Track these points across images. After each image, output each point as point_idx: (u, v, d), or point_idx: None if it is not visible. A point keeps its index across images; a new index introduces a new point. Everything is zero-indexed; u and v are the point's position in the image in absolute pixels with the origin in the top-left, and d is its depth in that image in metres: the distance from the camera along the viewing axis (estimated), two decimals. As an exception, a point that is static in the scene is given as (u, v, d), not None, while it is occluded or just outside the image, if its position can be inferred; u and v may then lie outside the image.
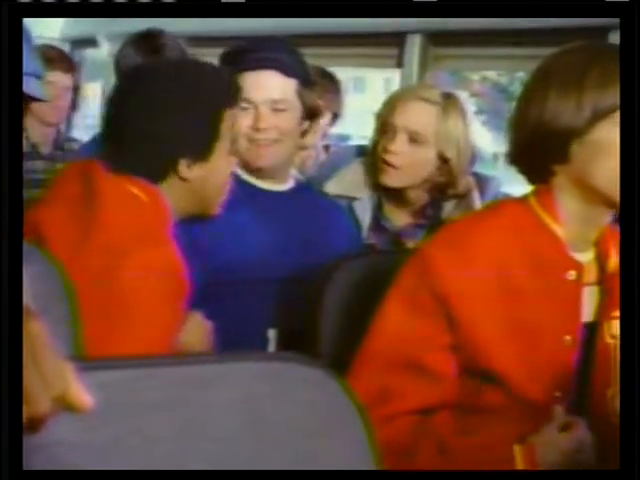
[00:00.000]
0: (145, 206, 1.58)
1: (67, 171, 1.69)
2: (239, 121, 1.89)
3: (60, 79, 3.15)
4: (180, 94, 1.62)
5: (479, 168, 2.40)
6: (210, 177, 1.66)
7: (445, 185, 2.13)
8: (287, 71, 1.94)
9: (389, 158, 2.09)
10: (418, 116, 2.08)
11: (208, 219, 1.74)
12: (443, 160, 2.10)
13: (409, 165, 2.09)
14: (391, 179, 2.11)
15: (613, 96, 1.31)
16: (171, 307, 1.52)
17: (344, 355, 1.58)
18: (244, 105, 1.89)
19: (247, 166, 1.96)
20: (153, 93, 1.62)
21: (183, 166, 1.62)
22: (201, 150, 1.63)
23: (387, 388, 1.38)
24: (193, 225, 1.79)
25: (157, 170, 1.62)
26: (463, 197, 2.17)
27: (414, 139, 2.08)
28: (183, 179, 1.63)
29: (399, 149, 2.08)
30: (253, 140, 1.92)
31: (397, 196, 2.16)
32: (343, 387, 1.02)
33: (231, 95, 1.70)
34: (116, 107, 1.68)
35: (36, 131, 3.16)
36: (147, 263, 1.49)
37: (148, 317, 1.47)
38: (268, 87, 1.93)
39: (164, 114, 1.61)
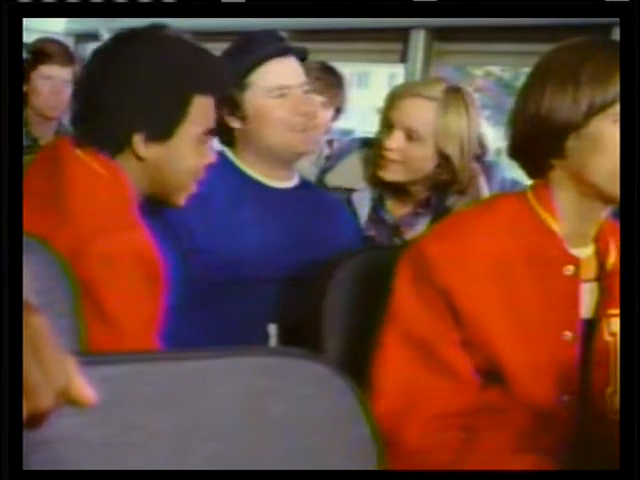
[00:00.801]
0: (108, 186, 1.53)
1: (37, 158, 1.64)
2: (275, 110, 1.89)
3: (59, 73, 3.15)
4: (148, 68, 1.56)
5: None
6: (170, 161, 1.59)
7: (448, 182, 2.12)
8: (298, 57, 1.97)
9: (386, 154, 2.09)
10: (414, 113, 2.07)
11: (172, 207, 1.67)
12: (444, 157, 2.08)
13: (406, 161, 2.08)
14: (389, 173, 2.11)
15: (608, 91, 1.31)
16: (147, 293, 1.48)
17: (348, 351, 1.59)
18: (278, 92, 1.90)
19: (283, 154, 1.94)
20: (121, 65, 1.57)
21: (139, 142, 1.56)
22: (159, 129, 1.57)
23: (415, 389, 1.38)
24: (195, 224, 1.79)
25: (111, 142, 1.57)
26: (464, 193, 2.15)
27: (411, 136, 2.07)
28: (138, 157, 1.57)
29: (396, 146, 2.07)
30: (296, 126, 1.91)
31: (399, 191, 2.16)
32: (346, 382, 1.01)
33: (210, 81, 1.63)
34: (86, 78, 1.63)
35: (37, 125, 3.15)
36: (116, 249, 1.44)
37: (123, 308, 1.44)
38: (297, 72, 1.95)
39: (126, 86, 1.55)
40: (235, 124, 1.94)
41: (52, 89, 3.11)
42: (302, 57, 1.99)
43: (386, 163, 2.09)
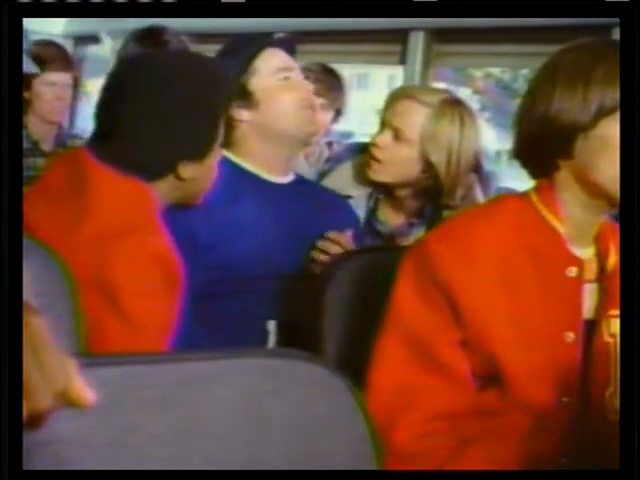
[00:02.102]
0: (134, 194, 1.56)
1: (56, 162, 1.66)
2: (283, 92, 1.94)
3: (62, 78, 3.15)
4: (182, 93, 1.58)
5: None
6: (203, 174, 1.64)
7: (434, 190, 2.11)
8: (288, 50, 2.02)
9: (373, 151, 2.10)
10: (404, 114, 2.08)
11: (190, 208, 1.71)
12: (428, 163, 2.07)
13: (391, 160, 2.09)
14: (375, 173, 2.12)
15: (618, 92, 1.31)
16: (166, 296, 1.49)
17: (347, 351, 1.59)
18: (283, 75, 1.94)
19: (294, 136, 1.97)
20: (154, 91, 1.58)
21: (181, 167, 1.60)
22: (200, 152, 1.61)
23: (410, 389, 1.38)
24: (195, 221, 1.79)
25: (155, 173, 1.59)
26: (456, 207, 2.14)
27: (398, 136, 2.08)
28: (179, 179, 1.61)
29: (382, 143, 2.09)
30: (304, 102, 1.96)
31: (391, 197, 2.16)
32: (345, 383, 1.01)
33: (228, 87, 1.68)
34: (114, 100, 1.63)
35: (37, 128, 3.15)
36: (137, 250, 1.47)
37: (143, 308, 1.45)
38: (291, 59, 2.00)
39: (165, 116, 1.57)
40: (245, 116, 1.95)
41: (56, 95, 3.11)
42: (291, 51, 2.02)
43: (373, 162, 2.11)
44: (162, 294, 1.49)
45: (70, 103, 3.29)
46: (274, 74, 1.94)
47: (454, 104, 2.09)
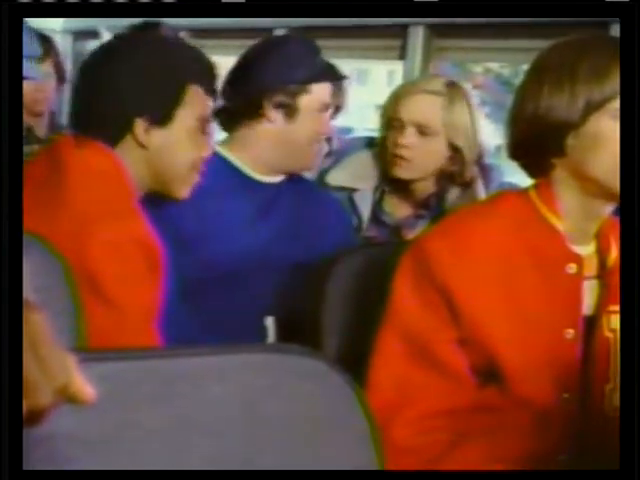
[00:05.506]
0: (108, 178, 1.56)
1: (39, 152, 1.68)
2: (319, 122, 1.96)
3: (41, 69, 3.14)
4: (145, 60, 1.62)
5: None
6: (170, 148, 1.63)
7: (455, 174, 2.14)
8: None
9: (401, 152, 2.10)
10: (423, 108, 2.10)
11: (173, 200, 1.69)
12: (454, 149, 2.11)
13: (421, 157, 2.11)
14: (405, 171, 2.13)
15: (606, 87, 1.32)
16: (148, 281, 1.49)
17: (346, 347, 1.59)
18: (325, 109, 1.97)
19: (297, 160, 1.98)
20: (121, 58, 1.62)
21: (140, 128, 1.60)
22: (159, 113, 1.61)
23: (409, 385, 1.38)
24: (185, 217, 1.79)
25: (113, 129, 1.60)
26: (468, 186, 2.17)
27: (423, 131, 2.09)
28: (140, 144, 1.61)
29: (409, 142, 2.10)
30: (320, 140, 1.99)
31: (404, 188, 2.17)
32: (344, 379, 1.01)
33: (200, 72, 1.69)
34: (85, 75, 1.68)
35: (28, 117, 3.14)
36: (116, 235, 1.46)
37: (124, 292, 1.45)
38: (327, 93, 2.00)
39: (125, 75, 1.60)
40: (278, 121, 1.94)
41: (35, 87, 3.11)
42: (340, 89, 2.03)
43: (400, 161, 2.11)
44: (144, 278, 1.48)
45: (58, 91, 3.29)
46: (320, 105, 1.96)
47: (456, 87, 2.13)
